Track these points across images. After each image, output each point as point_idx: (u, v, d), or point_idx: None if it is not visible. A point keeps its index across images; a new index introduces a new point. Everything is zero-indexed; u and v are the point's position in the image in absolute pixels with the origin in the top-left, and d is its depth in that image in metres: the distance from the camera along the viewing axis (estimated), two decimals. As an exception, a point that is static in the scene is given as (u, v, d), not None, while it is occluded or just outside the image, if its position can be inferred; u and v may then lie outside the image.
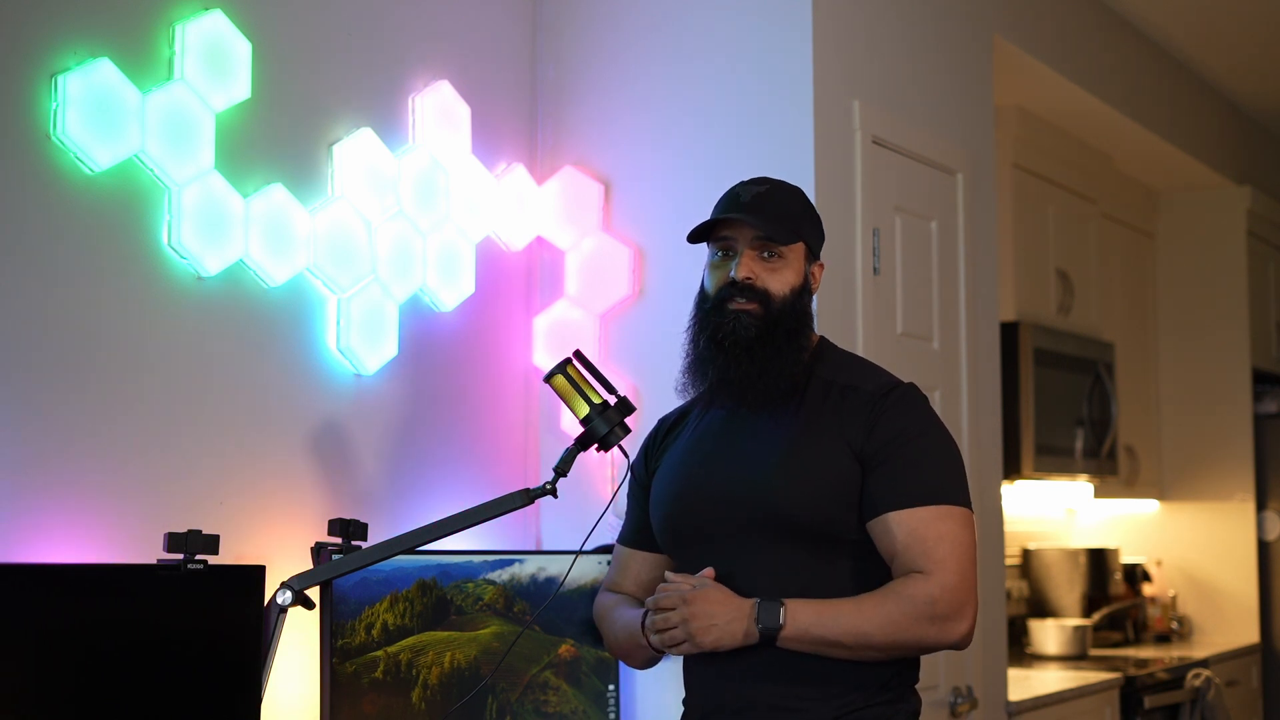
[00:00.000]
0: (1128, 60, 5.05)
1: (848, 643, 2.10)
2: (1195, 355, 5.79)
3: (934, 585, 2.10)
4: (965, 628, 2.12)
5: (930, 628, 2.10)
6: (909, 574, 2.12)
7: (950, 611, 2.10)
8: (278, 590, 2.42)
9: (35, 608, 2.19)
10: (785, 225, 2.23)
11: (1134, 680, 4.48)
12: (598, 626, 2.43)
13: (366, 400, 2.97)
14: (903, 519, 2.13)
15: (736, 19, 3.24)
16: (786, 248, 2.24)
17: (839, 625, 2.10)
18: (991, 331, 3.87)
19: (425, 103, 3.12)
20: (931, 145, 3.59)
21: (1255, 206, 5.84)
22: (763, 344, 2.20)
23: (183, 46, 2.61)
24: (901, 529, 2.13)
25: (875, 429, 2.18)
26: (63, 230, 2.44)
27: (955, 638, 2.13)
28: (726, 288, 2.23)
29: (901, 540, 2.13)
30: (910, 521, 2.13)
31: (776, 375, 2.21)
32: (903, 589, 2.11)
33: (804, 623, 2.10)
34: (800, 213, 2.27)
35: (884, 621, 2.09)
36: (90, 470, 2.46)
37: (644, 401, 3.11)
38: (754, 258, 2.23)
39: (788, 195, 2.29)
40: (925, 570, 2.11)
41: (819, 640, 2.10)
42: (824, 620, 2.10)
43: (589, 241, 3.35)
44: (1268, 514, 5.66)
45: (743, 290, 2.21)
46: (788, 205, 2.26)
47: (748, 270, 2.22)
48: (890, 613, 2.09)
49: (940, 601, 2.09)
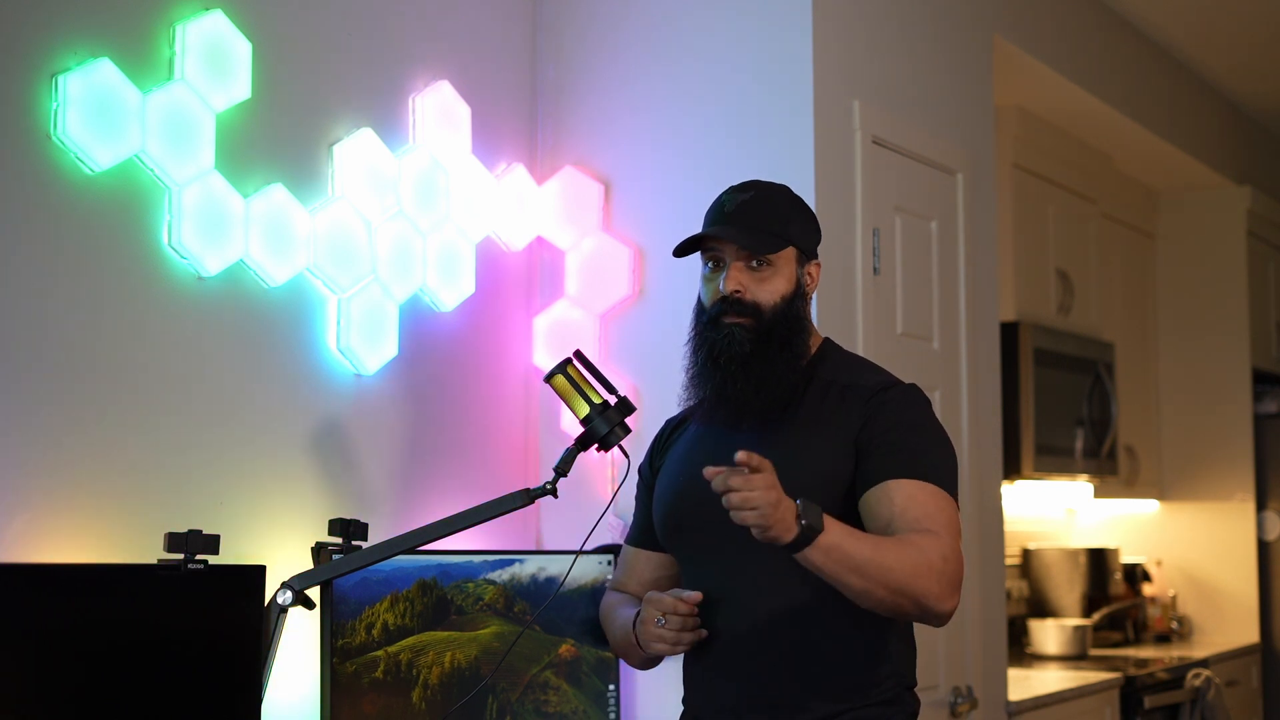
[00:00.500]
0: (1128, 60, 5.05)
1: (869, 570, 2.01)
2: (1195, 355, 5.79)
3: (945, 544, 2.07)
4: (954, 604, 2.10)
5: (935, 584, 2.05)
6: (923, 530, 2.07)
7: (955, 579, 2.08)
8: (278, 590, 2.42)
9: (35, 608, 2.19)
10: (770, 232, 2.21)
11: (1134, 680, 4.48)
12: (602, 626, 2.44)
13: (366, 400, 2.97)
14: (901, 485, 2.11)
15: (737, 19, 3.24)
16: (775, 255, 2.23)
17: (864, 552, 2.01)
18: (991, 331, 3.87)
19: (425, 103, 3.12)
20: (931, 145, 3.59)
21: (1255, 206, 5.84)
22: (757, 358, 2.19)
23: (183, 46, 2.61)
24: (900, 494, 2.11)
25: (873, 419, 2.17)
26: (63, 230, 2.44)
27: (948, 608, 2.08)
28: (718, 302, 2.22)
29: (900, 503, 2.10)
30: (908, 488, 2.11)
31: (773, 388, 2.20)
32: (920, 541, 2.06)
33: (838, 535, 2.00)
34: (788, 215, 2.25)
35: (905, 562, 2.03)
36: (90, 470, 2.46)
37: (644, 401, 3.11)
38: (741, 269, 2.22)
39: (774, 198, 2.27)
40: (933, 531, 2.09)
41: (844, 559, 2.00)
42: (856, 540, 2.02)
43: (589, 241, 3.35)
44: (1268, 514, 5.66)
45: (733, 304, 2.21)
46: (774, 210, 2.24)
47: (735, 283, 2.21)
48: (909, 555, 2.03)
49: (950, 562, 2.06)
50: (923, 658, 2.42)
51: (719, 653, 2.21)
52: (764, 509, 1.92)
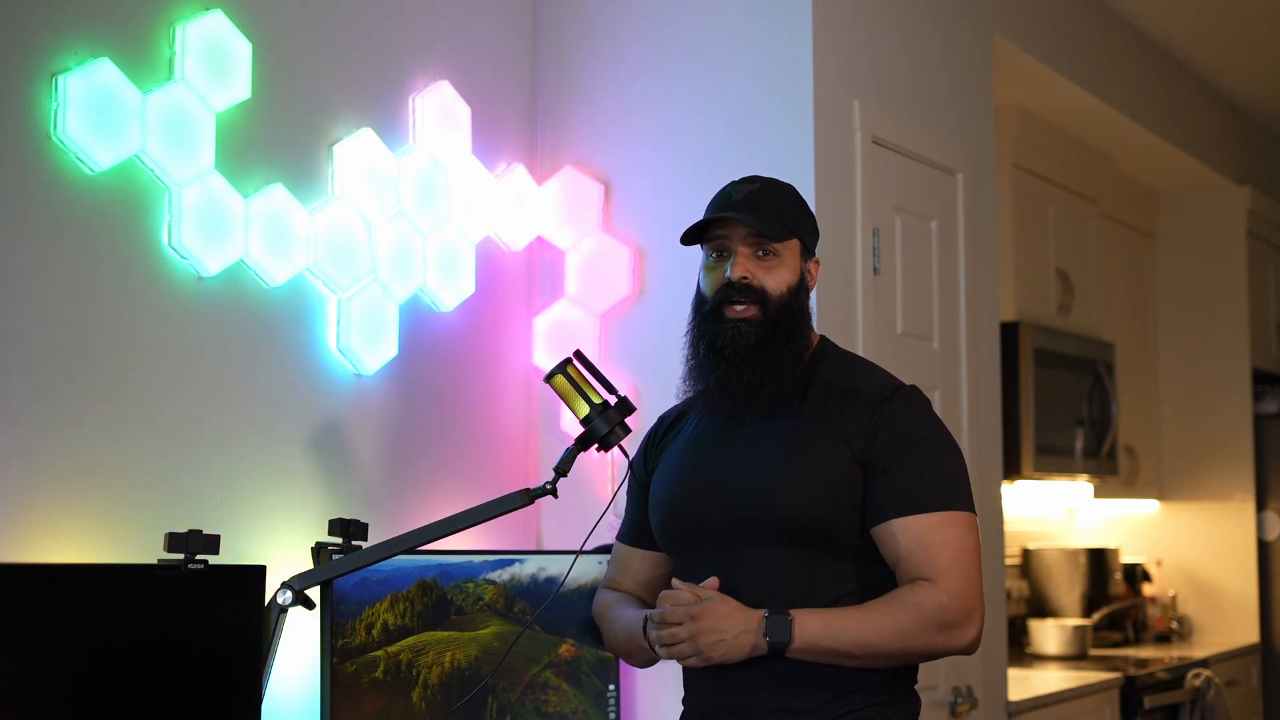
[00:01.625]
0: (1128, 60, 5.05)
1: (856, 653, 2.09)
2: (1195, 355, 5.79)
3: (941, 593, 2.09)
4: (973, 634, 2.12)
5: (939, 636, 2.09)
6: (916, 582, 2.11)
7: (958, 619, 2.09)
8: (278, 590, 2.42)
9: (35, 608, 2.19)
10: (780, 222, 2.22)
11: (1134, 680, 4.48)
12: (597, 624, 2.43)
13: (366, 400, 2.97)
14: (907, 525, 2.12)
15: (737, 19, 3.24)
16: (782, 245, 2.22)
17: (847, 636, 2.09)
18: (991, 331, 3.87)
19: (425, 103, 3.12)
20: (931, 145, 3.59)
21: (1255, 206, 5.84)
22: (763, 349, 2.18)
23: (183, 46, 2.61)
24: (905, 535, 2.12)
25: (877, 434, 2.17)
26: (63, 230, 2.44)
27: (964, 644, 2.12)
28: (723, 289, 2.20)
29: (905, 547, 2.12)
30: (914, 528, 2.12)
31: (778, 381, 2.19)
32: (910, 597, 2.10)
33: (812, 635, 2.09)
34: (793, 209, 2.25)
35: (893, 631, 2.08)
36: (90, 470, 2.46)
37: (644, 401, 3.11)
38: (749, 256, 2.21)
39: (780, 192, 2.27)
40: (931, 578, 2.10)
41: (827, 652, 2.10)
42: (832, 632, 2.09)
43: (589, 241, 3.35)
44: (1268, 514, 5.66)
45: (740, 290, 2.19)
46: (781, 202, 2.24)
47: (743, 269, 2.20)
48: (899, 622, 2.09)
49: (949, 609, 2.09)
50: (922, 658, 2.42)
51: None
52: (690, 643, 2.12)
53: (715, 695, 2.21)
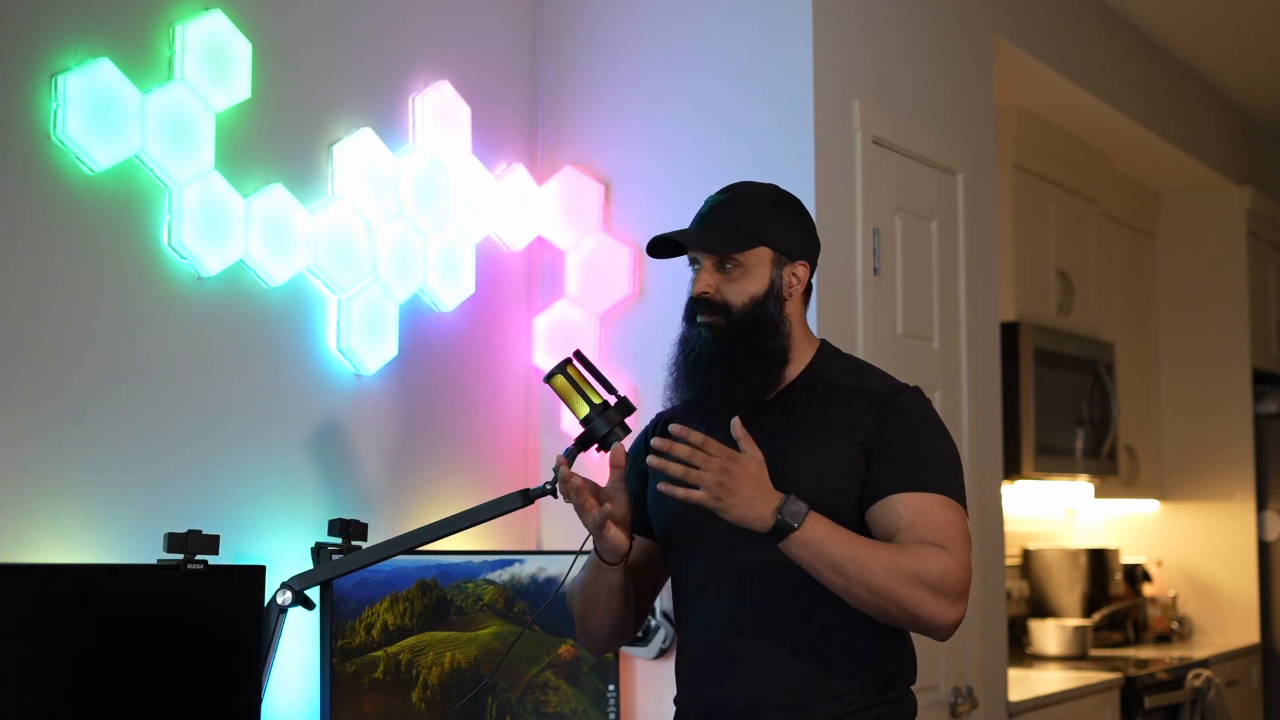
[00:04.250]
0: (1128, 60, 5.05)
1: (848, 570, 2.05)
2: (1195, 355, 5.79)
3: (950, 559, 2.07)
4: (958, 614, 2.10)
5: (929, 597, 2.06)
6: (927, 542, 2.08)
7: (954, 591, 2.08)
8: (278, 590, 2.42)
9: (35, 608, 2.20)
10: (738, 233, 2.21)
11: (1134, 680, 4.48)
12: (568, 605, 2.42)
13: (366, 400, 2.97)
14: (910, 499, 2.12)
15: (737, 19, 3.24)
16: (745, 255, 2.21)
17: (849, 551, 2.04)
18: (991, 331, 3.87)
19: (425, 103, 3.12)
20: (931, 145, 3.59)
21: (1255, 206, 5.84)
22: (721, 357, 2.20)
23: (183, 46, 2.61)
24: (909, 508, 2.11)
25: (886, 423, 2.17)
26: (63, 230, 2.44)
27: (946, 619, 2.09)
28: (690, 302, 2.24)
29: (909, 518, 2.10)
30: (918, 503, 2.11)
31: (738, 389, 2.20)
32: (920, 550, 2.07)
33: (819, 533, 2.04)
34: (764, 216, 2.23)
35: (892, 567, 2.05)
36: (90, 470, 2.46)
37: (644, 401, 3.11)
38: (711, 270, 2.22)
39: (751, 199, 2.25)
40: (940, 545, 2.09)
41: (822, 555, 2.05)
42: (836, 539, 2.05)
43: (589, 241, 3.35)
44: (1268, 514, 5.66)
45: (702, 304, 2.22)
46: (748, 210, 2.23)
47: (704, 284, 2.22)
48: (901, 563, 2.05)
49: (951, 575, 2.07)
50: (923, 658, 2.42)
51: (714, 654, 2.21)
52: (713, 489, 2.03)
53: (715, 695, 2.21)
